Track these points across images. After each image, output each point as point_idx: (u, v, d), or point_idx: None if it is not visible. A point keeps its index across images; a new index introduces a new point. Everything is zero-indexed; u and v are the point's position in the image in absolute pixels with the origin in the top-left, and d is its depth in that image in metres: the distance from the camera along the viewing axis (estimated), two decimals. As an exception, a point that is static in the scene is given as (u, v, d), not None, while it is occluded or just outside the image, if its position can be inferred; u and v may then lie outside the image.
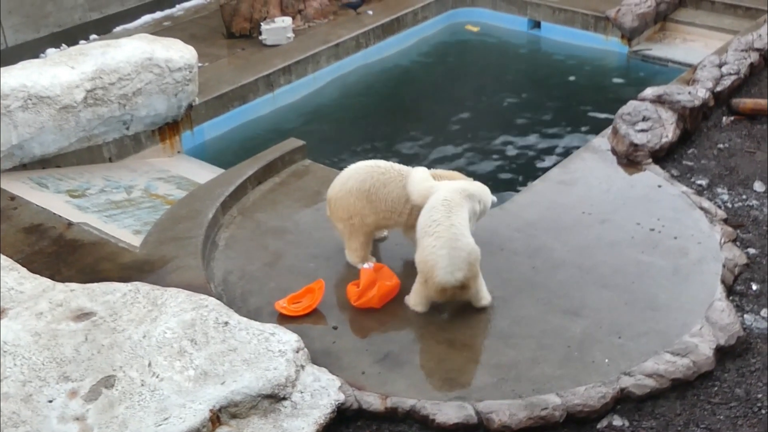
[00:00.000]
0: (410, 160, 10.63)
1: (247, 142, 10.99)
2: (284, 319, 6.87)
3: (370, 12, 13.84)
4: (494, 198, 7.44)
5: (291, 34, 12.79)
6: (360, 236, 7.40)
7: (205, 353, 5.83)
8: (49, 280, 6.76)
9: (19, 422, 5.45)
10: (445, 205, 6.75)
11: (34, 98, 9.00)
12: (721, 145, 9.31)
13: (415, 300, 6.95)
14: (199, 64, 10.75)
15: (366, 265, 7.19)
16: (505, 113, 11.86)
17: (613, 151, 9.11)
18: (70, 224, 8.20)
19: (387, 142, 11.19)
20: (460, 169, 8.28)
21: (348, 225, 7.37)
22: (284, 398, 5.75)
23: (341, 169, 7.68)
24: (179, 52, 10.11)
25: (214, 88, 11.33)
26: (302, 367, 5.97)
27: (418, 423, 5.98)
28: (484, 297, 6.93)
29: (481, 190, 7.25)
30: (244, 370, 5.73)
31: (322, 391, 5.89)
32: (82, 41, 12.82)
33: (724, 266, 7.32)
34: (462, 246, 6.58)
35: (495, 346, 6.59)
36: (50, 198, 8.87)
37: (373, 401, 6.03)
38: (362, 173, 7.31)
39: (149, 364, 5.77)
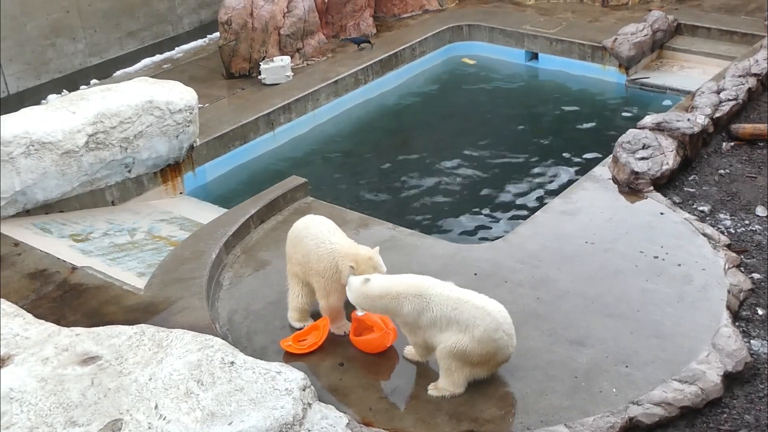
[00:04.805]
0: (410, 193, 10.70)
1: (248, 181, 11.05)
2: (290, 357, 6.87)
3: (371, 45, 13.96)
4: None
5: (290, 73, 12.89)
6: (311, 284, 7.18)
7: (211, 394, 5.82)
8: (54, 325, 6.76)
9: (27, 469, 5.44)
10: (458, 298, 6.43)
11: (36, 144, 9.07)
12: (722, 171, 9.32)
13: (457, 382, 6.41)
14: (200, 105, 10.83)
15: (359, 313, 6.85)
16: (505, 144, 11.91)
17: (614, 180, 9.13)
18: (74, 268, 8.22)
19: (388, 177, 11.24)
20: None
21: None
22: (292, 437, 5.73)
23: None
24: (179, 94, 10.20)
25: (215, 128, 11.40)
26: (309, 404, 5.95)
27: (427, 458, 5.96)
28: None
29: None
30: (251, 410, 5.71)
31: (330, 429, 5.86)
32: (82, 86, 12.94)
33: (729, 292, 7.32)
34: (503, 315, 6.34)
35: (502, 379, 6.57)
36: (54, 243, 8.90)
37: (381, 437, 6.01)
38: (299, 224, 7.24)
39: (156, 407, 5.75)
